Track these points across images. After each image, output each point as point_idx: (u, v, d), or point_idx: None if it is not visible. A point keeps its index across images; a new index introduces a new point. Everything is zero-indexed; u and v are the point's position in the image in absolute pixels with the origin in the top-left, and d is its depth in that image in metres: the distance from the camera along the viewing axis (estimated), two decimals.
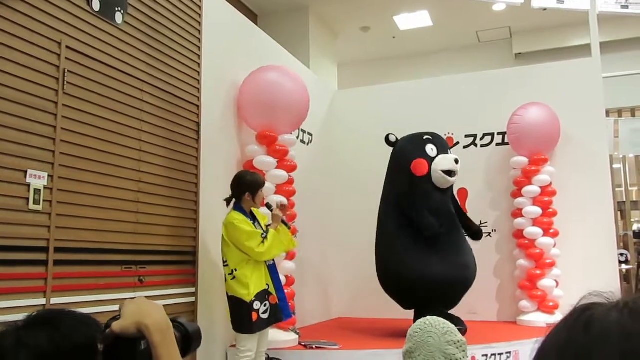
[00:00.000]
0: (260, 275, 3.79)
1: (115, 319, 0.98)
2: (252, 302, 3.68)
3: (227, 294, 3.80)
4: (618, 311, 0.49)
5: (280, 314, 3.86)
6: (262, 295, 3.76)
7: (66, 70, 3.13)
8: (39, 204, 2.94)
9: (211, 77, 4.46)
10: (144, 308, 0.99)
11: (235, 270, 3.74)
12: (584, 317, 0.51)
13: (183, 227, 4.09)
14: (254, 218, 3.90)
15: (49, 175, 2.99)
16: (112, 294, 3.33)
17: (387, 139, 4.97)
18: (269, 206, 3.96)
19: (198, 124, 4.30)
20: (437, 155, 4.74)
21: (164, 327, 0.98)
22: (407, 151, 4.86)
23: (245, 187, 3.84)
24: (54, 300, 2.96)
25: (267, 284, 3.82)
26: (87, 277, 3.23)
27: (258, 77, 4.74)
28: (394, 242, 4.75)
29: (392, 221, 4.82)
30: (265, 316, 3.76)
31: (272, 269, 3.90)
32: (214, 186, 4.35)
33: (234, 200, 3.88)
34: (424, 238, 4.58)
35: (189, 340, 1.07)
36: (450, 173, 4.68)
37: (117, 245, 3.45)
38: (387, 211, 4.93)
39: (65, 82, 3.12)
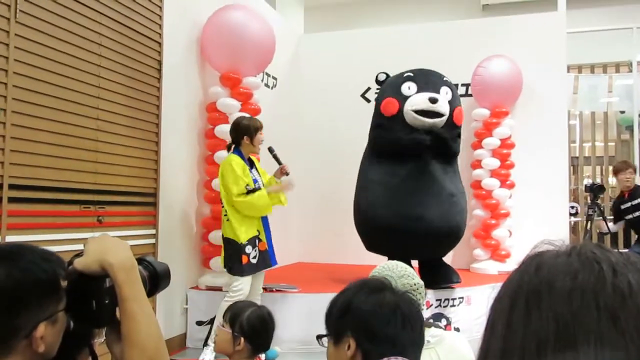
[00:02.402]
0: (252, 221, 3.85)
1: (78, 256, 0.96)
2: (244, 245, 3.76)
3: (222, 235, 3.89)
4: (566, 255, 0.52)
5: (269, 260, 3.96)
6: (253, 241, 3.83)
7: None
8: None
9: (173, 13, 4.28)
10: (108, 245, 0.97)
11: (228, 212, 3.80)
12: (535, 262, 0.54)
13: (144, 168, 4.01)
14: (252, 165, 3.93)
15: (1, 109, 2.85)
16: (70, 234, 3.27)
17: (376, 78, 4.82)
18: (271, 150, 3.99)
19: (160, 62, 4.15)
20: (414, 94, 4.40)
21: (129, 266, 0.96)
22: (381, 91, 4.72)
23: (242, 131, 3.87)
24: (8, 239, 2.88)
25: (257, 230, 3.89)
26: (43, 216, 3.15)
27: (222, 16, 4.57)
28: (360, 186, 4.72)
29: (365, 164, 4.74)
30: (254, 261, 3.83)
31: (264, 217, 3.96)
32: (176, 127, 4.26)
33: (233, 146, 3.91)
34: (391, 184, 4.42)
35: (157, 279, 1.06)
36: (424, 113, 4.31)
37: (75, 184, 3.36)
38: (365, 155, 4.83)
39: (18, 11, 2.93)
